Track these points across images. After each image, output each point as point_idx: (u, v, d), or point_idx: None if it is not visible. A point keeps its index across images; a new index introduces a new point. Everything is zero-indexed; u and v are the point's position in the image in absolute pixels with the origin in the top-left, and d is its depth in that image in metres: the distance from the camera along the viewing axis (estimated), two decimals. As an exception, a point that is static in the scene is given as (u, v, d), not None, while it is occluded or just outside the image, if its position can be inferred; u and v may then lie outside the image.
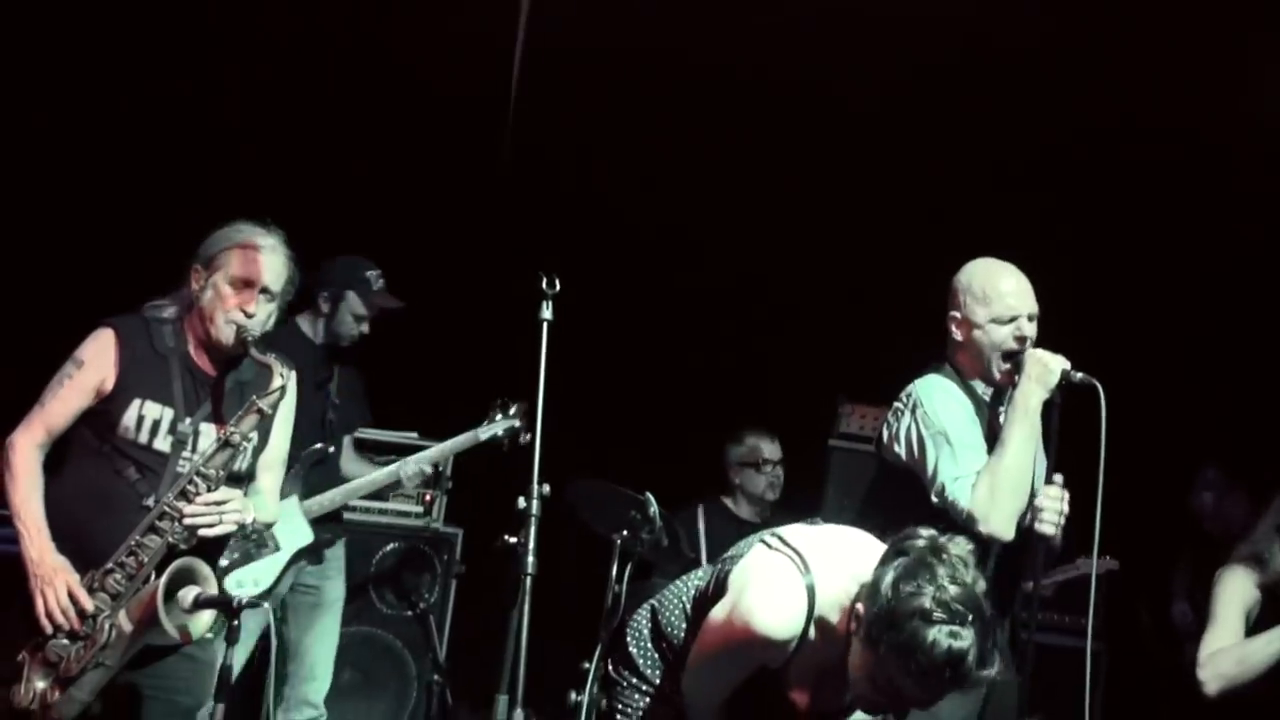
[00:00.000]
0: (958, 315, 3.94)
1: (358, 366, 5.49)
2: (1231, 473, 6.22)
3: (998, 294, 3.89)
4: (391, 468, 5.39)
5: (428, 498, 6.25)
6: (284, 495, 4.88)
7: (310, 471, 5.13)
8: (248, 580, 4.81)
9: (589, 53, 6.43)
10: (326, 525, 5.23)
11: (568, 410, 3.65)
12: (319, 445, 5.15)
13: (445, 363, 6.57)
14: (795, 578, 3.11)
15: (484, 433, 5.35)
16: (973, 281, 3.94)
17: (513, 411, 5.34)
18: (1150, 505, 5.94)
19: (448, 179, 6.77)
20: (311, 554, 5.15)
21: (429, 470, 5.44)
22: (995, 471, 3.72)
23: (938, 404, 3.87)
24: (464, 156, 6.76)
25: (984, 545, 3.74)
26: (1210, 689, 3.89)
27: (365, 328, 5.31)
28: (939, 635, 2.85)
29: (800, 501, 6.32)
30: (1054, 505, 3.76)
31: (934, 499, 3.77)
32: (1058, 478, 3.79)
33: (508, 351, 3.95)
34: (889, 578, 2.94)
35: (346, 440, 5.55)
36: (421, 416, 6.14)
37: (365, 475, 5.44)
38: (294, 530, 4.99)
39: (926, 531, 3.03)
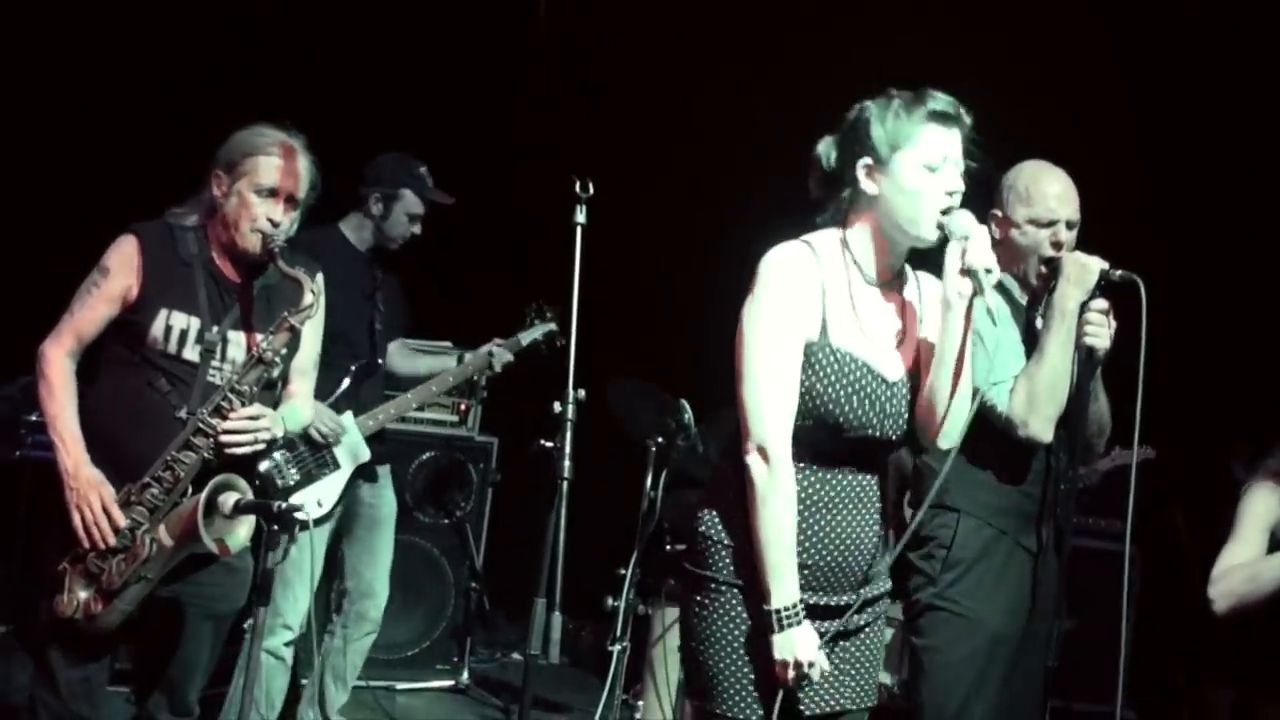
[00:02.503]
0: (998, 214, 3.88)
1: (396, 271, 5.34)
2: None
3: (1041, 195, 3.80)
4: (435, 375, 5.30)
5: (463, 407, 6.27)
6: (338, 412, 4.91)
7: (360, 387, 5.06)
8: (311, 501, 4.80)
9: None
10: (375, 441, 5.16)
11: (604, 315, 3.63)
12: (366, 361, 5.08)
13: (476, 269, 6.56)
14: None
15: (525, 338, 5.31)
16: (1018, 180, 3.86)
17: (549, 315, 5.32)
18: (1189, 402, 5.91)
19: (479, 86, 6.73)
20: (367, 471, 5.10)
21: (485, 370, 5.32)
22: (1033, 376, 3.68)
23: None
24: (496, 58, 6.71)
25: (1029, 449, 3.74)
26: (1219, 607, 3.79)
27: (417, 228, 5.14)
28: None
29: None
30: (1102, 319, 3.70)
31: None
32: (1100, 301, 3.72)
33: (541, 256, 3.93)
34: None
35: (395, 344, 5.42)
36: (457, 325, 6.14)
37: (416, 369, 5.37)
38: (353, 448, 4.95)
39: None
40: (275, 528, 3.31)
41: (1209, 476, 6.13)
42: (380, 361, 5.19)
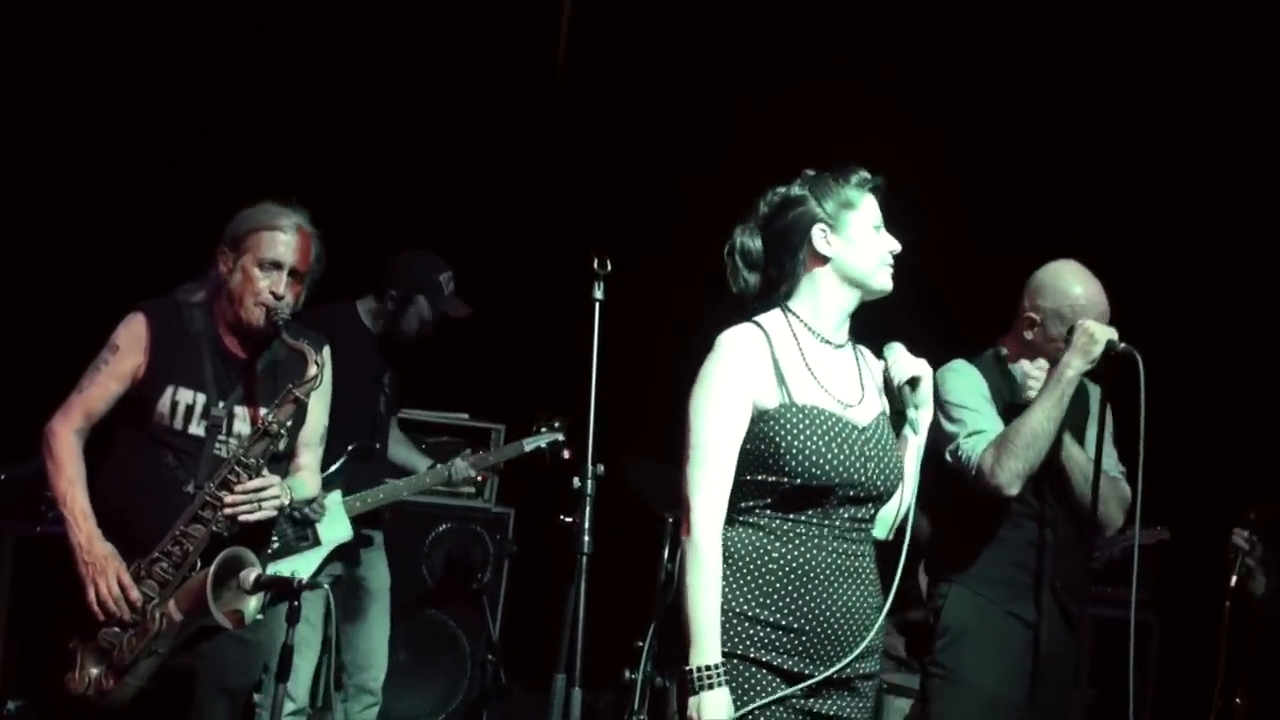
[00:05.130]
0: (1034, 316, 3.91)
1: (412, 363, 5.39)
2: None
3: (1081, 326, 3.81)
4: (438, 470, 5.34)
5: (480, 478, 6.28)
6: (327, 488, 4.85)
7: (355, 467, 5.06)
8: (286, 571, 4.77)
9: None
10: (367, 522, 5.15)
11: (622, 389, 3.64)
12: (365, 442, 5.08)
13: (496, 342, 6.57)
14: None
15: (528, 444, 5.35)
16: (1061, 297, 3.88)
17: (556, 425, 5.35)
18: (1207, 473, 5.88)
19: (496, 159, 6.78)
20: (349, 553, 5.09)
21: (474, 475, 5.40)
22: (1012, 428, 3.70)
23: (949, 383, 3.85)
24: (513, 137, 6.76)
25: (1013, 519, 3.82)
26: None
27: (430, 329, 5.20)
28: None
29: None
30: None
31: (947, 458, 3.76)
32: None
33: (560, 330, 3.96)
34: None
35: (392, 423, 5.45)
36: (473, 397, 6.15)
37: (411, 462, 5.42)
38: (335, 525, 4.94)
39: None
40: (296, 603, 3.32)
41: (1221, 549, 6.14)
42: (379, 446, 5.20)
